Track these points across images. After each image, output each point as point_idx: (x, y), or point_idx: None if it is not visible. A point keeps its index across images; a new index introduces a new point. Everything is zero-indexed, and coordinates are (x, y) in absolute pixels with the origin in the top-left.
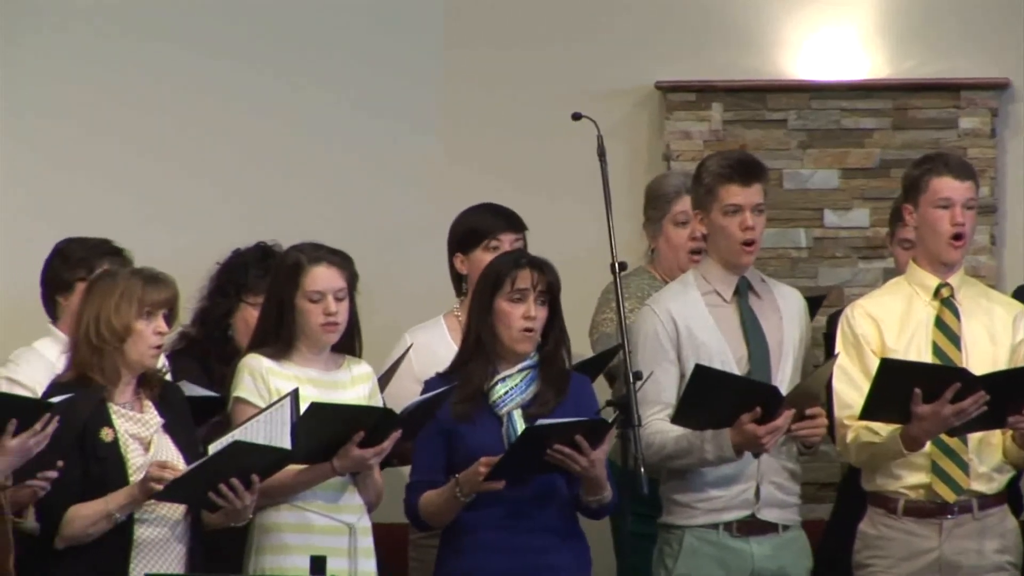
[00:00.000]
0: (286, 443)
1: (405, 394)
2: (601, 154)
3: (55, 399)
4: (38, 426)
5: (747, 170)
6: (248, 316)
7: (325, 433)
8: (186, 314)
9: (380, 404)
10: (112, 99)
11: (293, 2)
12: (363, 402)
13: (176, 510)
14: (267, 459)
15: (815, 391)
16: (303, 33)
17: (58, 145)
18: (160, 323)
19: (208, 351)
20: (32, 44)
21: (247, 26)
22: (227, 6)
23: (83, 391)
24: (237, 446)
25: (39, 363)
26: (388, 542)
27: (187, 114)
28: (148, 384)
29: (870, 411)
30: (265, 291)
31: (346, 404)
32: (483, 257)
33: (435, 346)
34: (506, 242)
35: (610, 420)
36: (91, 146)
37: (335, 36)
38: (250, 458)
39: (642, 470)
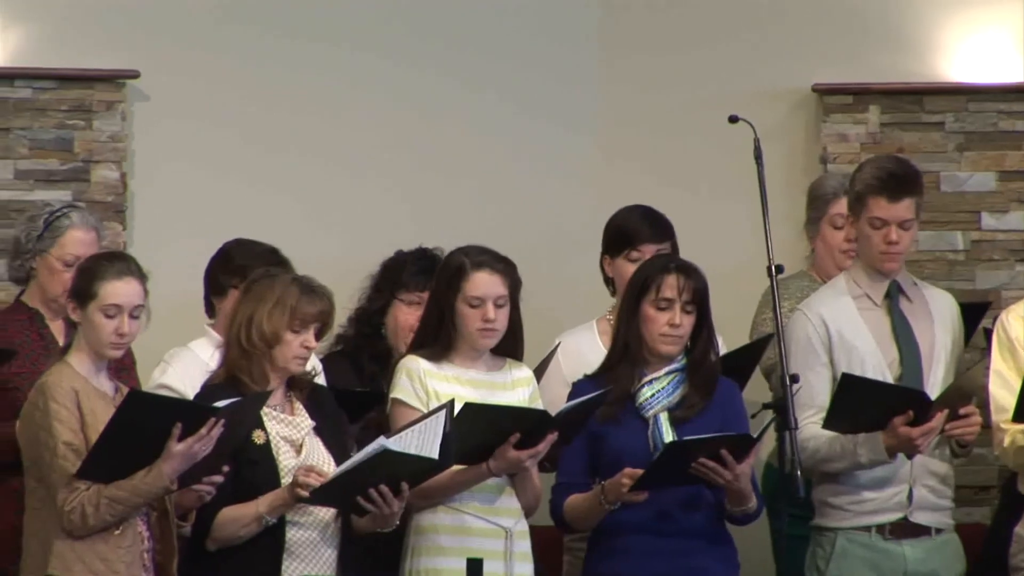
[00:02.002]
0: (436, 454)
1: (554, 398)
2: (758, 156)
3: (221, 403)
4: (204, 430)
5: (898, 185)
6: (399, 313)
7: (481, 434)
8: (344, 313)
9: (541, 408)
10: (274, 103)
11: (455, 6)
12: (523, 404)
13: (327, 512)
14: (416, 467)
15: (968, 390)
16: (464, 35)
17: (221, 149)
18: (309, 337)
19: (360, 347)
20: (192, 47)
21: (410, 28)
22: (390, 8)
23: (250, 396)
24: (386, 455)
25: (193, 364)
26: (541, 544)
27: (348, 116)
28: (297, 386)
29: (1021, 416)
30: (418, 289)
31: (502, 405)
32: (624, 266)
33: (584, 350)
34: (647, 253)
35: (766, 424)
36: (255, 149)
37: (496, 39)
38: (399, 466)
39: (798, 473)
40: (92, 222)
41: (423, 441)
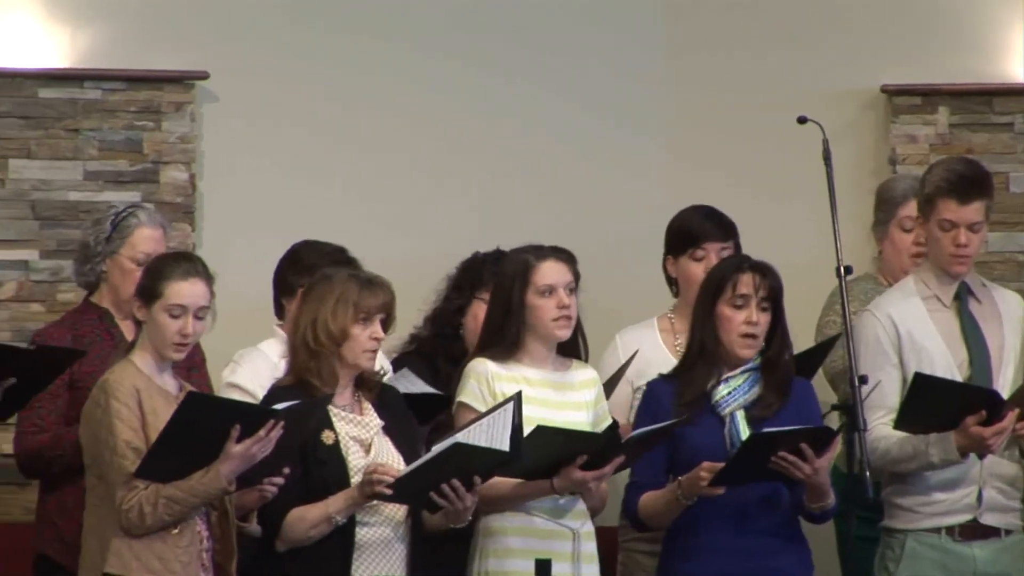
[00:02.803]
0: (506, 446)
1: (615, 396)
2: (827, 157)
3: (280, 405)
4: (262, 432)
5: (968, 187)
6: (479, 312)
7: (548, 455)
8: (419, 316)
9: (606, 409)
10: (343, 103)
11: (522, 7)
12: (590, 406)
13: (398, 512)
14: (488, 461)
15: None
16: (532, 37)
17: (290, 149)
18: (376, 328)
19: (436, 350)
20: (261, 47)
21: (479, 29)
22: (459, 9)
23: (310, 399)
24: (458, 448)
25: (262, 364)
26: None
27: (416, 117)
28: (366, 386)
29: None
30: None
31: (572, 429)
32: (688, 265)
33: (645, 348)
34: (712, 251)
35: (836, 425)
36: (324, 150)
37: (563, 40)
38: (471, 460)
39: (867, 474)
40: (159, 219)
41: (492, 434)
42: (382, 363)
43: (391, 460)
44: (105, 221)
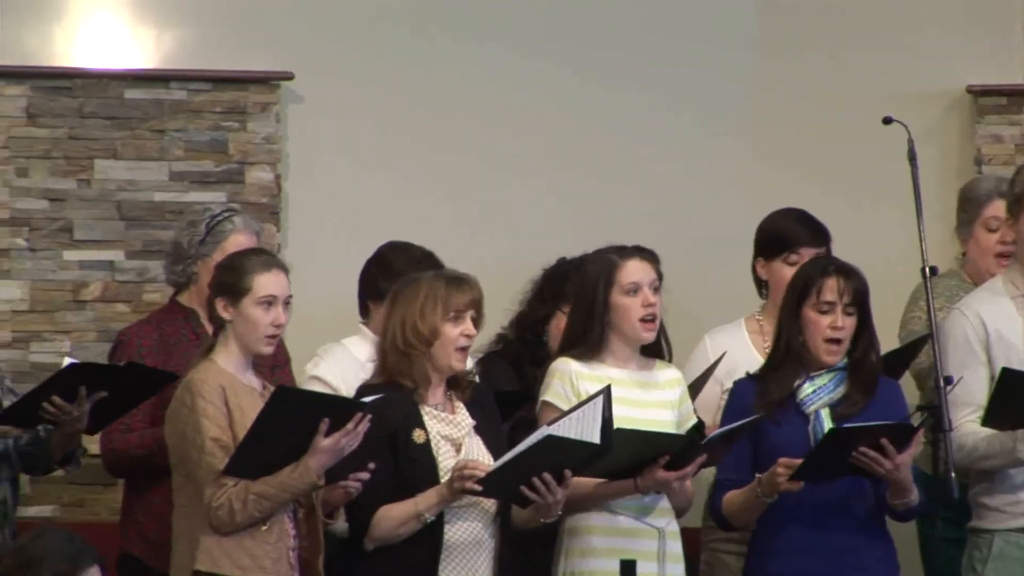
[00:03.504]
0: (597, 438)
1: (703, 395)
2: (912, 158)
3: (368, 399)
4: (350, 425)
5: None
6: (561, 323)
7: (629, 456)
8: (506, 316)
9: (691, 408)
10: (429, 104)
11: (608, 8)
12: (674, 405)
13: (486, 513)
14: (579, 454)
15: None
16: (619, 38)
17: (375, 150)
18: (468, 325)
19: (522, 353)
20: (346, 48)
21: (564, 31)
22: (545, 11)
23: (396, 393)
24: (549, 440)
25: (345, 359)
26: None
27: (502, 118)
28: (458, 386)
29: None
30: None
31: (653, 431)
32: (781, 268)
33: (734, 349)
34: (806, 257)
35: (917, 424)
36: (409, 150)
37: (651, 41)
38: (562, 452)
39: (952, 474)
40: (254, 226)
41: (583, 427)
42: (469, 363)
43: (482, 459)
44: (200, 223)
